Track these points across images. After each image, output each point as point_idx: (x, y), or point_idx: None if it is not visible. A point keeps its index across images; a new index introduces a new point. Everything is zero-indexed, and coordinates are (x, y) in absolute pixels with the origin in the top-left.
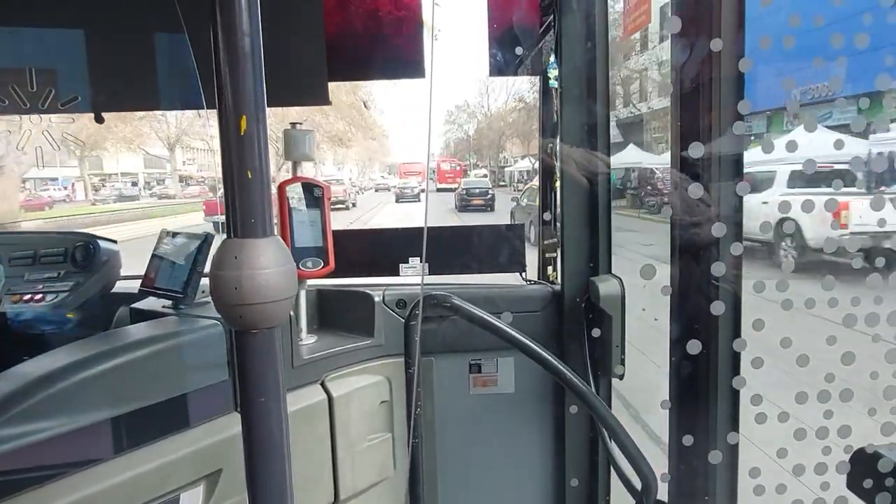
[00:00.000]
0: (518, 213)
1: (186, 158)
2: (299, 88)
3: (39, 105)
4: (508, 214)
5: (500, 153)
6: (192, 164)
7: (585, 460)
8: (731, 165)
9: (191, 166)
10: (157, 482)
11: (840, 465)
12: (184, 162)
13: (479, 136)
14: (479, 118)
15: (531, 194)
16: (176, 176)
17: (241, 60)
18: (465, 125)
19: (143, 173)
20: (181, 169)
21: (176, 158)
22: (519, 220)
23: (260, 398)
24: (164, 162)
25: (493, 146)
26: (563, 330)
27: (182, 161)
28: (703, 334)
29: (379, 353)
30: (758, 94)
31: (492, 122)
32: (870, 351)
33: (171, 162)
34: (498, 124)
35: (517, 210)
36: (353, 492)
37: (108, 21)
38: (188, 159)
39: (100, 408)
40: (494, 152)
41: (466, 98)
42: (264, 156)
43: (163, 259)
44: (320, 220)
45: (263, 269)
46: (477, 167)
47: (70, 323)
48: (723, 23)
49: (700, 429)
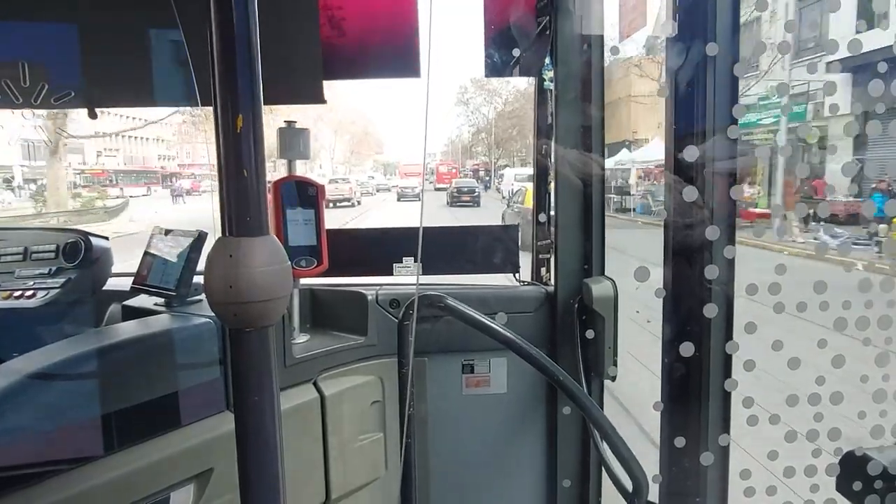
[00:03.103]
0: (509, 215)
1: (105, 149)
2: (295, 87)
3: (32, 100)
4: (491, 209)
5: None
6: (112, 156)
7: (577, 461)
8: (724, 169)
9: (111, 158)
10: (147, 481)
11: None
12: (99, 153)
13: (505, 121)
14: (503, 97)
15: (521, 197)
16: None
17: (236, 58)
18: (485, 107)
19: (21, 167)
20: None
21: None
22: (510, 221)
23: (253, 397)
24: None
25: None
26: (557, 331)
27: (98, 152)
28: (696, 336)
29: (372, 353)
30: None
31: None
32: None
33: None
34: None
35: (507, 213)
36: (345, 491)
37: (103, 16)
38: (107, 150)
39: (90, 406)
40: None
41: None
42: (260, 154)
43: (155, 256)
44: (314, 219)
45: (258, 268)
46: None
47: (61, 319)
48: (718, 27)
49: (692, 430)
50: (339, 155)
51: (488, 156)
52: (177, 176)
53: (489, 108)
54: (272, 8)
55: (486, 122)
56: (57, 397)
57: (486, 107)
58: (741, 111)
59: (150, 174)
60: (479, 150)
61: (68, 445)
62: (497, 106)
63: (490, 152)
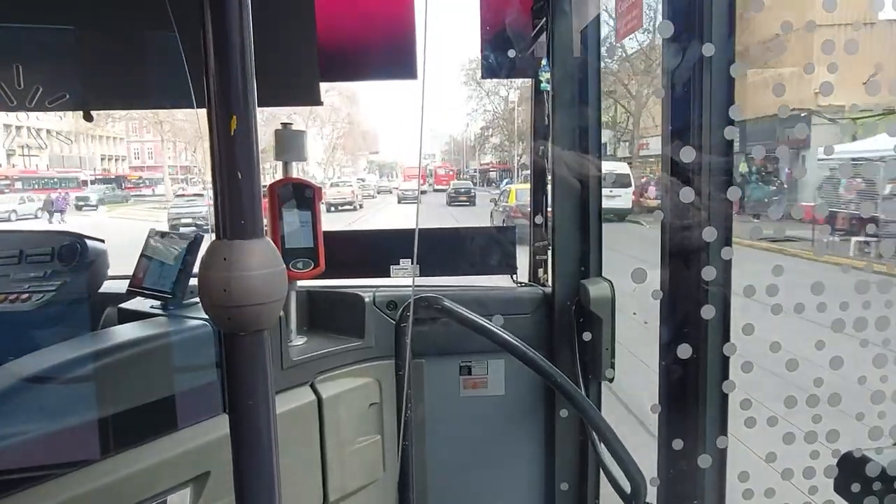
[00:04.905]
0: (496, 214)
1: (25, 146)
2: (290, 88)
3: (27, 103)
4: (489, 207)
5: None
6: (35, 156)
7: (575, 464)
8: (721, 170)
9: (34, 158)
10: (143, 485)
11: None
12: (11, 153)
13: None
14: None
15: (506, 197)
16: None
17: (231, 59)
18: (504, 88)
19: None
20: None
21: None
22: (497, 219)
23: (249, 400)
24: None
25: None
26: (554, 333)
27: (9, 151)
28: (693, 338)
29: (369, 355)
30: None
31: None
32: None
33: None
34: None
35: (495, 212)
36: (342, 494)
37: (98, 19)
38: (27, 148)
39: (86, 409)
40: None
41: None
42: (254, 156)
43: (151, 259)
44: (311, 221)
45: (253, 271)
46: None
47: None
48: (714, 28)
49: (689, 433)
50: (319, 151)
51: (508, 149)
52: (123, 180)
53: (510, 89)
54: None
55: (505, 108)
56: (52, 401)
57: (506, 88)
58: (738, 112)
59: (67, 180)
60: (495, 142)
61: (64, 449)
62: (523, 86)
63: (512, 144)
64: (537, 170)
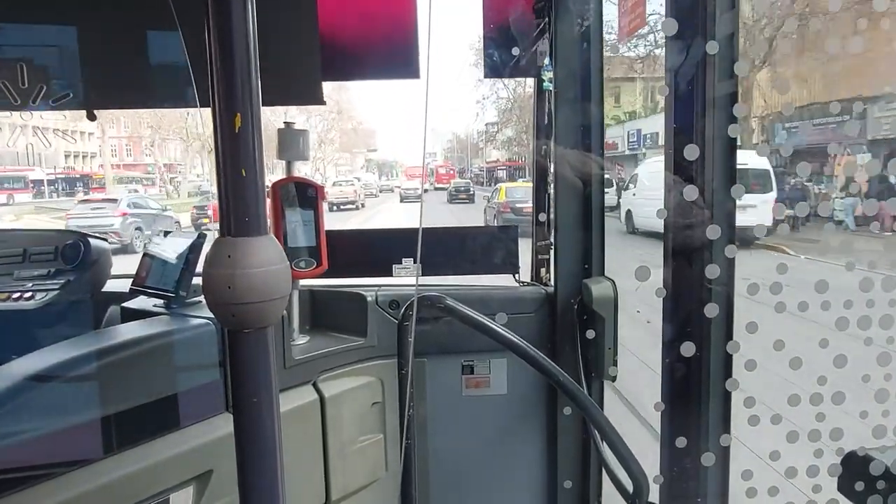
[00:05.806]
0: (489, 210)
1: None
2: (293, 88)
3: (31, 101)
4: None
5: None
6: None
7: (578, 462)
8: (724, 168)
9: None
10: (146, 483)
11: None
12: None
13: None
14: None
15: (497, 195)
16: None
17: (235, 58)
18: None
19: None
20: None
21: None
22: (489, 214)
23: (252, 398)
24: None
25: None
26: (557, 332)
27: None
28: (697, 336)
29: (371, 354)
30: None
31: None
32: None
33: None
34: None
35: (488, 209)
36: (345, 493)
37: (101, 18)
38: None
39: (89, 408)
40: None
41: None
42: (258, 154)
43: (154, 258)
44: (314, 219)
45: (257, 268)
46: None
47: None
48: (717, 26)
49: (692, 431)
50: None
51: (526, 143)
52: (89, 179)
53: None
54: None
55: (523, 93)
56: (56, 399)
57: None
58: (741, 109)
59: (13, 179)
60: (508, 134)
61: (67, 447)
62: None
63: (528, 137)
64: (540, 169)
